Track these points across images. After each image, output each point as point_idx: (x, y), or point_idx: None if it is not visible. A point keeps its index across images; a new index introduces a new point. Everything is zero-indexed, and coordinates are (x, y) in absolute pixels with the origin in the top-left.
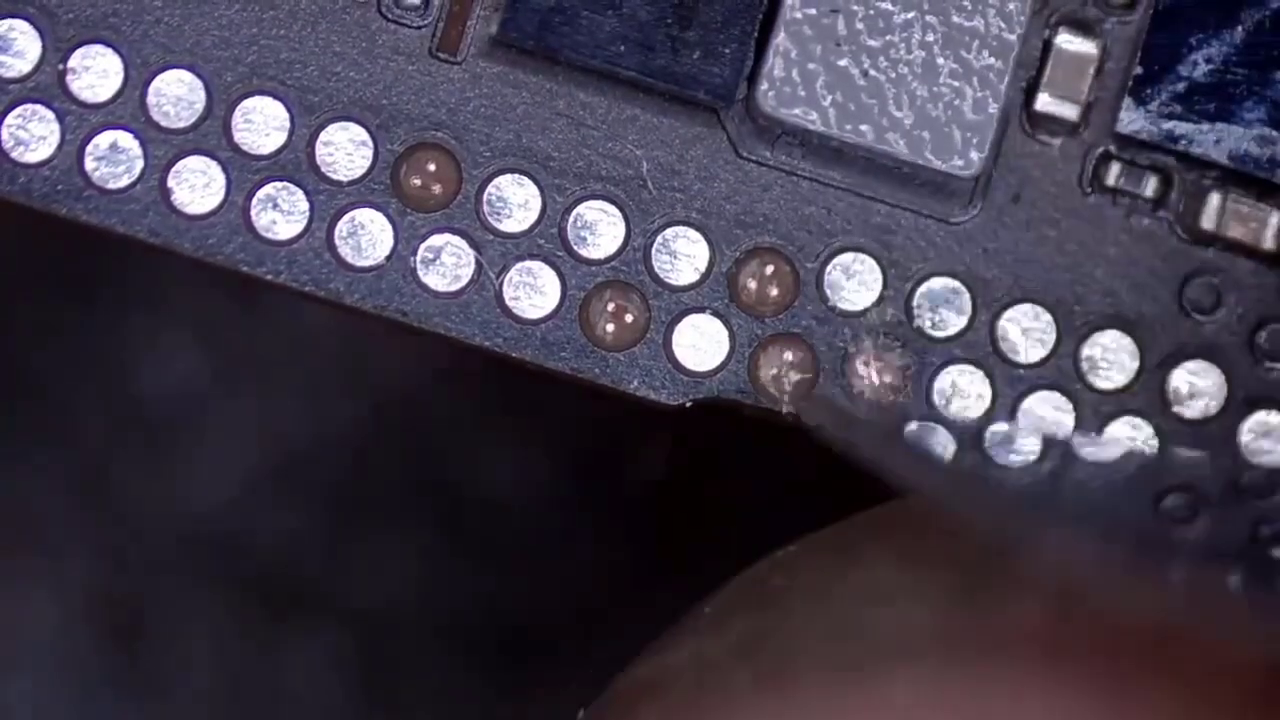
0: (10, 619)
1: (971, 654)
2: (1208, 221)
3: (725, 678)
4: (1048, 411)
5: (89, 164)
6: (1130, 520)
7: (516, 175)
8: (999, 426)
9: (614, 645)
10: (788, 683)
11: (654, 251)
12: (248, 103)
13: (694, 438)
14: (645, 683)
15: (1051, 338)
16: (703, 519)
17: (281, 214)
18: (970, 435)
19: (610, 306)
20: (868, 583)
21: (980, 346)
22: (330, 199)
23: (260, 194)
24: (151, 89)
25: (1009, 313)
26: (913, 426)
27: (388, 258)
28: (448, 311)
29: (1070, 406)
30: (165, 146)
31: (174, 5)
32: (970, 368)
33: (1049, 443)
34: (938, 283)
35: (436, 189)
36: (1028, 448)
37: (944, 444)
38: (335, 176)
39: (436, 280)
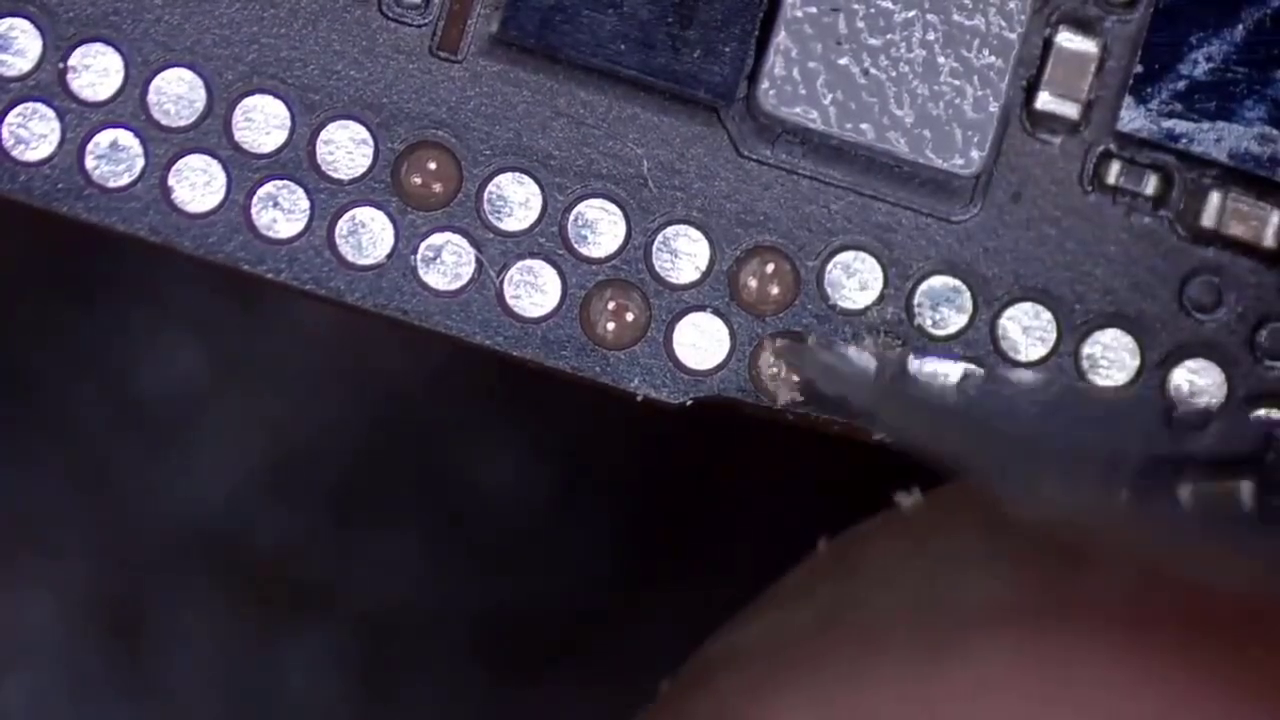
0: (10, 619)
1: (1056, 622)
2: (1208, 220)
3: (807, 648)
4: None
5: (89, 162)
6: (1137, 447)
7: (517, 174)
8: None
9: (614, 645)
10: (871, 652)
11: (655, 250)
12: (248, 101)
13: (695, 436)
14: (725, 654)
15: (1052, 336)
16: (703, 517)
17: (282, 212)
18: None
19: (611, 305)
20: (948, 552)
21: (981, 345)
22: (331, 197)
23: (261, 192)
24: (152, 87)
25: (1010, 311)
26: (911, 363)
27: (388, 256)
28: (448, 310)
29: None
30: (166, 145)
31: (174, 4)
32: (971, 367)
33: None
34: (938, 281)
35: (437, 187)
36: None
37: (944, 376)
38: (336, 175)
39: (437, 279)
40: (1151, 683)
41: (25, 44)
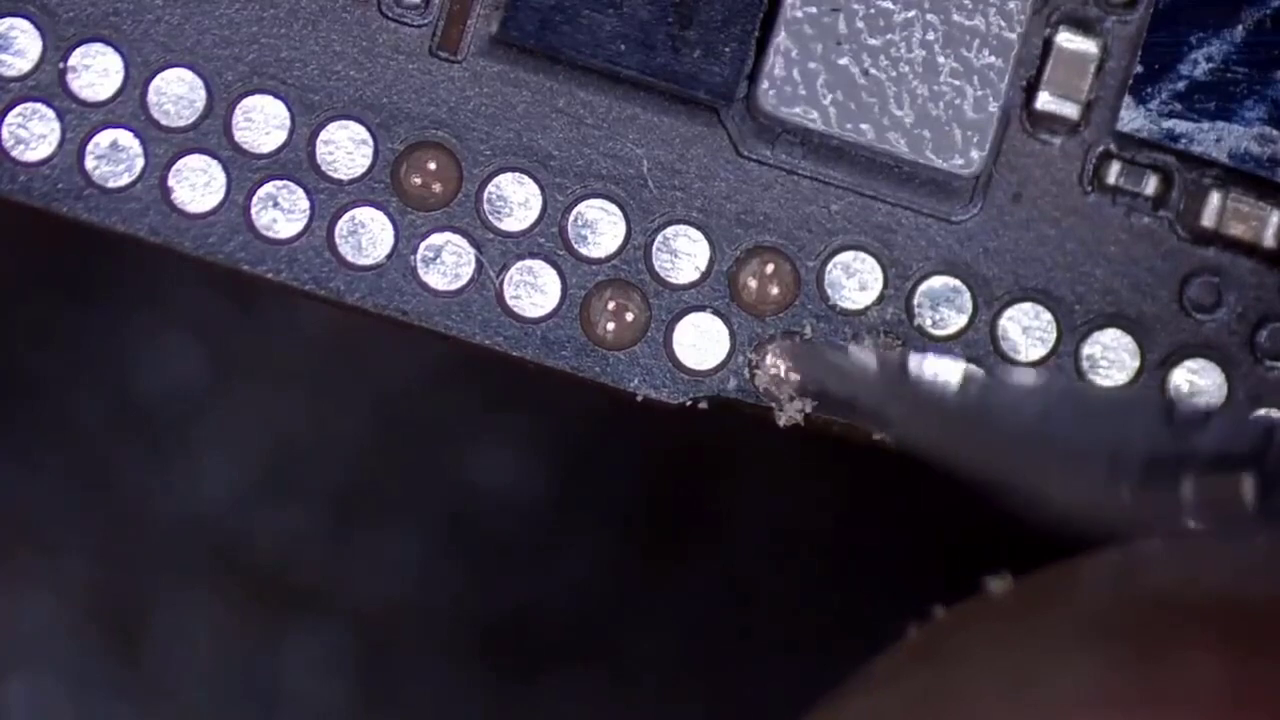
0: (10, 619)
1: (1150, 712)
2: (1208, 220)
3: None
4: None
5: (89, 163)
6: (1139, 444)
7: (517, 174)
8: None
9: (614, 645)
10: None
11: (654, 250)
12: (248, 101)
13: (695, 436)
14: None
15: (1052, 336)
16: (703, 517)
17: (282, 212)
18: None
19: (611, 305)
20: (1042, 639)
21: (981, 345)
22: (331, 198)
23: (260, 193)
24: (152, 88)
25: (1009, 311)
26: (914, 361)
27: (388, 256)
28: (448, 310)
29: None
30: (165, 145)
31: (174, 4)
32: (972, 367)
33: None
34: (938, 281)
35: (437, 188)
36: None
37: (947, 377)
38: (335, 175)
39: (437, 279)
40: None
41: (25, 44)
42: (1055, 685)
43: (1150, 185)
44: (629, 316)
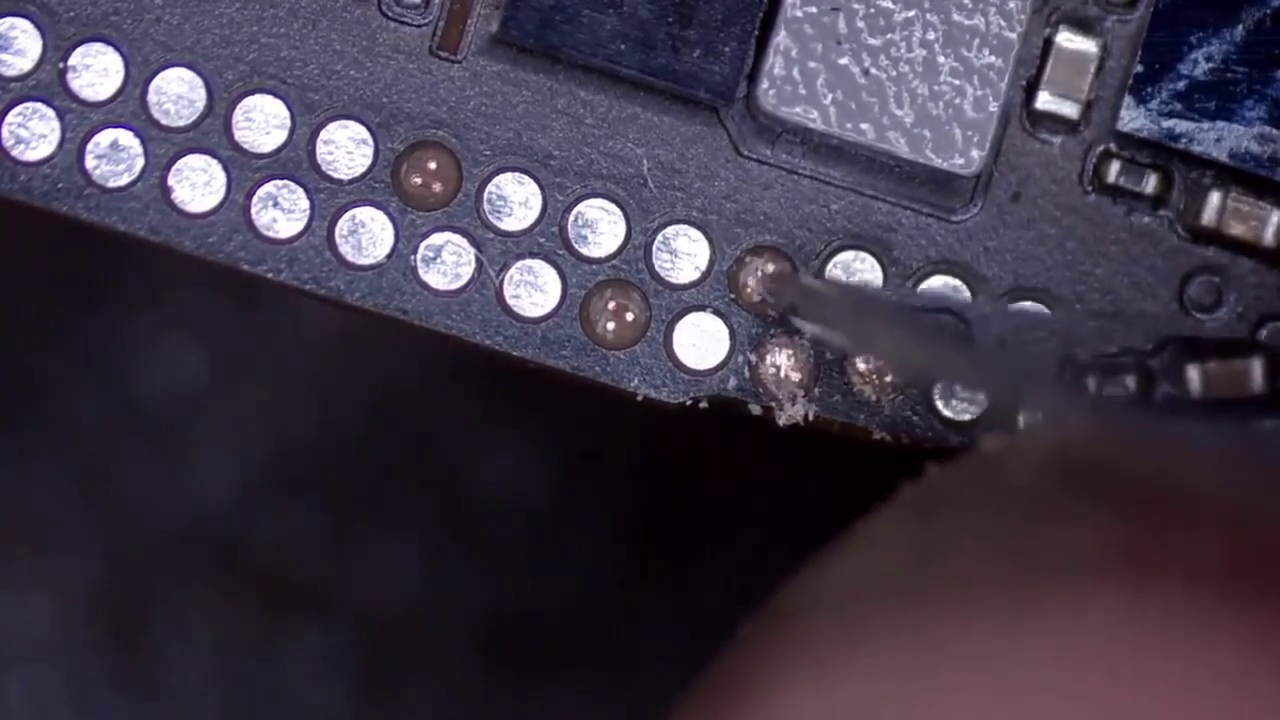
0: (10, 619)
1: (1152, 578)
2: (1208, 219)
3: (901, 592)
4: None
5: (89, 162)
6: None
7: (517, 173)
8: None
9: (614, 645)
10: (967, 598)
11: (654, 250)
12: (248, 101)
13: (695, 436)
14: (812, 595)
15: None
16: (703, 517)
17: (282, 212)
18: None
19: (611, 305)
20: (1040, 499)
21: None
22: (331, 197)
23: (261, 192)
24: (152, 87)
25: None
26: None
27: (388, 256)
28: (448, 310)
29: None
30: (166, 145)
31: (174, 3)
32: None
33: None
34: (938, 280)
35: (437, 187)
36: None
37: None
38: (336, 175)
39: (437, 279)
40: (1253, 635)
41: (25, 44)
42: (1057, 549)
43: (1150, 185)
44: (629, 316)
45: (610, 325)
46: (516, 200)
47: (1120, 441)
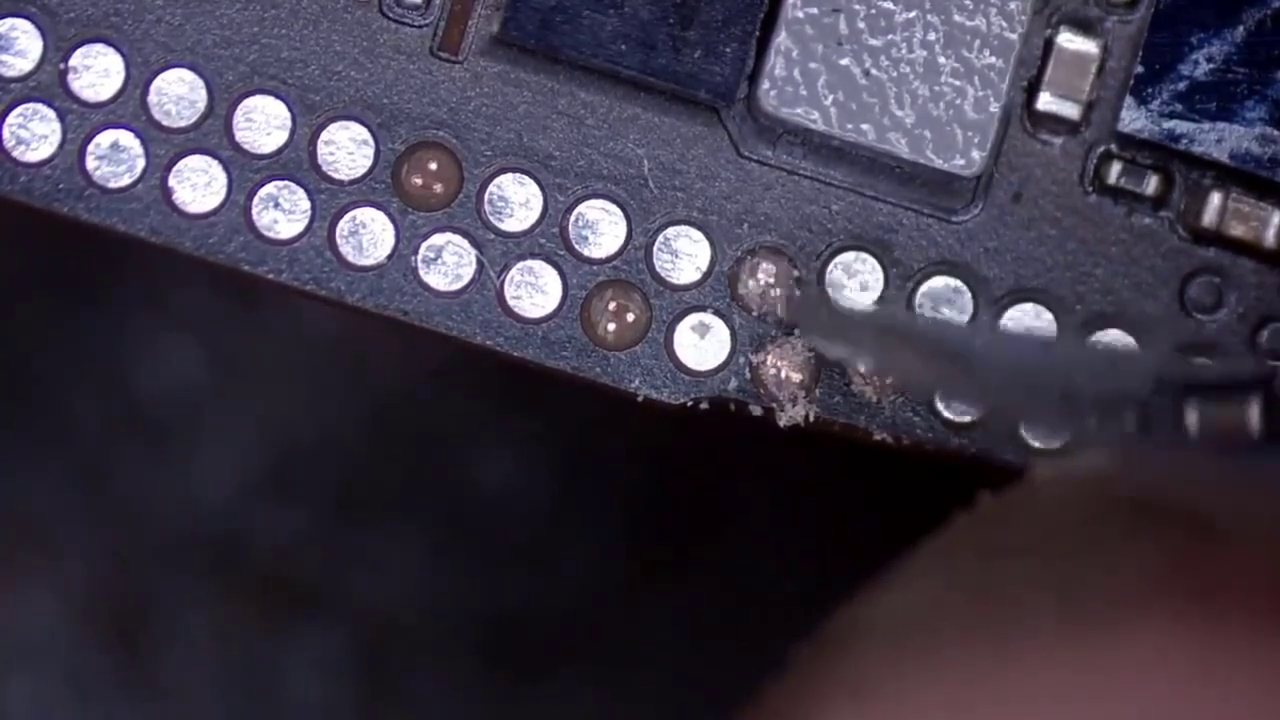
0: (10, 619)
1: (1202, 602)
2: (1209, 220)
3: (954, 621)
4: None
5: (90, 163)
6: (1140, 385)
7: (518, 174)
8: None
9: (614, 645)
10: (1020, 629)
11: (655, 250)
12: (249, 102)
13: (695, 436)
14: (866, 621)
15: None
16: (703, 517)
17: (283, 213)
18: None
19: (611, 305)
20: (1090, 529)
21: None
22: (331, 198)
23: (261, 193)
24: (153, 88)
25: (1010, 312)
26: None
27: (389, 257)
28: (449, 311)
29: None
30: (166, 145)
31: (175, 4)
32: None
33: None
34: (939, 282)
35: (438, 188)
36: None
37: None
38: (336, 175)
39: (438, 279)
40: None
41: (26, 44)
42: (1108, 578)
43: (1151, 185)
44: (630, 317)
45: (611, 326)
46: (517, 201)
47: (1168, 471)
